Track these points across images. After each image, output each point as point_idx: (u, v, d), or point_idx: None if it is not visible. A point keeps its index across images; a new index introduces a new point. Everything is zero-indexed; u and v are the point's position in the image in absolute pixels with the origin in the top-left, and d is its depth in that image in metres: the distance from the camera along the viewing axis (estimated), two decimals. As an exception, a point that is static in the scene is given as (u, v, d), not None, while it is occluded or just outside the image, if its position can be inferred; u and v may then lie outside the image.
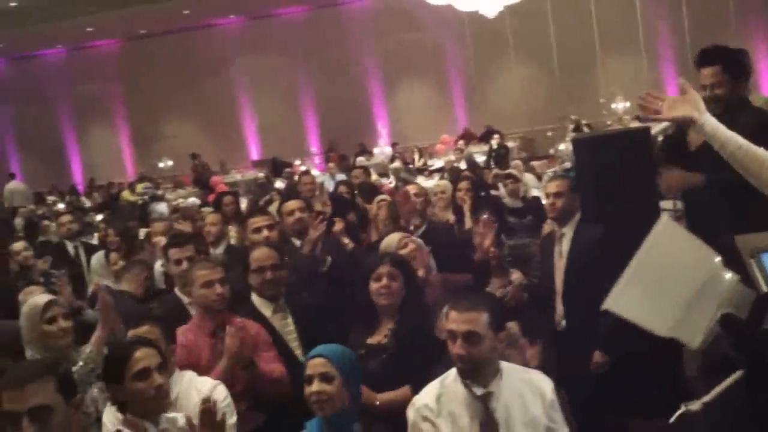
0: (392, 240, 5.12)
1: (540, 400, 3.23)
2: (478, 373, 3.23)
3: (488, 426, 3.19)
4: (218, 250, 6.70)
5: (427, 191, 7.21)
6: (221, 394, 3.65)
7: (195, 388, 3.66)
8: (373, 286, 4.16)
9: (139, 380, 3.17)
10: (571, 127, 16.56)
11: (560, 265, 5.09)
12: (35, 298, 4.43)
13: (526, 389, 3.25)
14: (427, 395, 3.34)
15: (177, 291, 5.14)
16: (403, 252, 4.86)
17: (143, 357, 3.21)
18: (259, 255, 4.66)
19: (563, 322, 5.03)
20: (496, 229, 5.34)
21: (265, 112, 23.61)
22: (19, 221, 15.03)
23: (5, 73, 25.83)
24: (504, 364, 3.34)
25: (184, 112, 24.17)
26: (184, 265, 5.13)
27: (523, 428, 3.18)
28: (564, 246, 5.11)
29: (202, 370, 3.95)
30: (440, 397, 3.29)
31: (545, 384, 3.31)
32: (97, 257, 6.56)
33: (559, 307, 5.06)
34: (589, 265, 4.72)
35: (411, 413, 3.35)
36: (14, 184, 20.50)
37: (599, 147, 5.69)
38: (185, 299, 4.91)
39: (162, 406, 3.25)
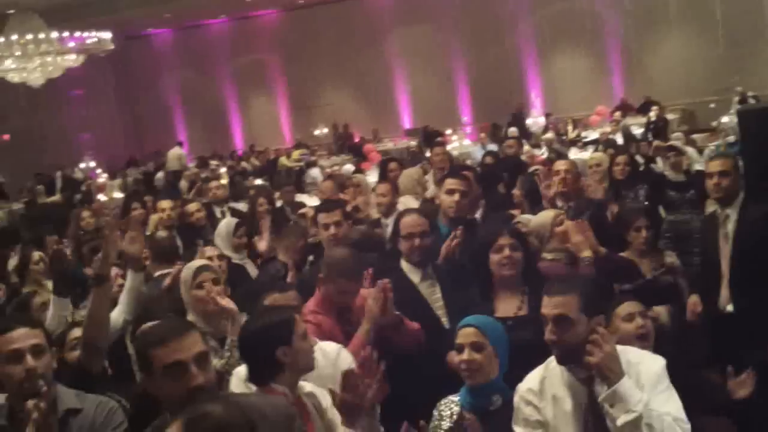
0: (547, 216, 5.04)
1: (648, 382, 3.01)
2: (574, 357, 3.08)
3: (592, 410, 3.06)
4: (389, 220, 6.39)
5: (578, 164, 7.04)
6: (348, 359, 3.68)
7: (320, 350, 3.62)
8: (494, 257, 4.11)
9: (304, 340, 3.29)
10: (737, 99, 15.82)
11: (726, 248, 4.91)
12: (191, 263, 4.57)
13: (632, 371, 3.03)
14: (531, 379, 3.26)
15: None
16: (558, 230, 4.77)
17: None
18: (409, 221, 4.68)
19: (728, 307, 4.88)
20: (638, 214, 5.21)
21: (418, 82, 23.71)
22: (183, 183, 15.87)
23: (173, 43, 27.12)
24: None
25: (339, 81, 24.61)
26: (332, 230, 5.21)
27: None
28: (729, 227, 4.94)
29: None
30: (544, 380, 3.21)
31: (654, 365, 3.09)
32: (226, 223, 6.61)
33: (725, 292, 4.91)
34: (758, 247, 4.53)
35: (516, 398, 3.26)
36: (175, 150, 21.50)
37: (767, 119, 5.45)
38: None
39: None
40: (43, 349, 3.08)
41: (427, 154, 13.99)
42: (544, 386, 3.20)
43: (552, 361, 3.21)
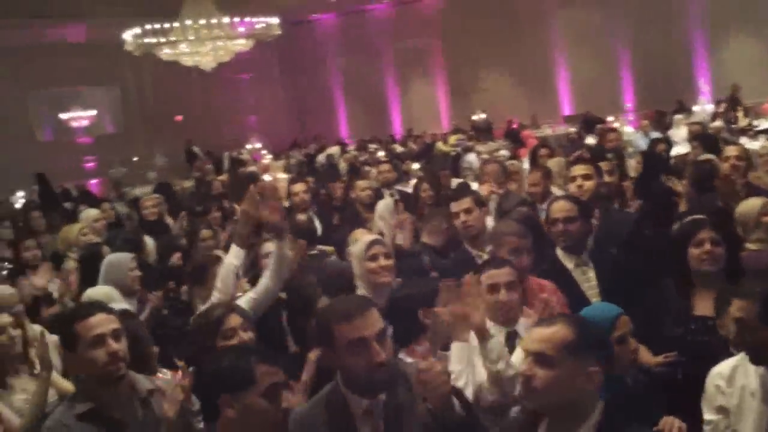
0: (754, 204, 4.82)
1: None
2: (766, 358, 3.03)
3: None
4: (543, 206, 6.32)
5: (750, 154, 6.73)
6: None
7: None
8: (694, 251, 3.94)
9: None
10: None
11: None
12: (365, 236, 4.74)
13: None
14: (726, 364, 3.25)
15: (466, 245, 5.28)
16: (765, 219, 4.59)
17: None
18: (556, 207, 4.68)
19: None
20: None
21: (579, 67, 23.22)
22: (343, 165, 16.25)
23: (337, 27, 27.74)
24: None
25: (499, 66, 24.45)
26: (462, 217, 5.26)
27: None
28: None
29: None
30: (736, 368, 3.19)
31: None
32: (386, 203, 6.69)
33: None
34: None
35: (707, 380, 3.28)
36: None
37: None
38: (475, 253, 5.07)
39: None
40: (120, 333, 3.20)
41: (588, 140, 13.70)
42: (735, 374, 3.20)
43: None
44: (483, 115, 23.24)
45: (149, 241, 7.09)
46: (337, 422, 2.75)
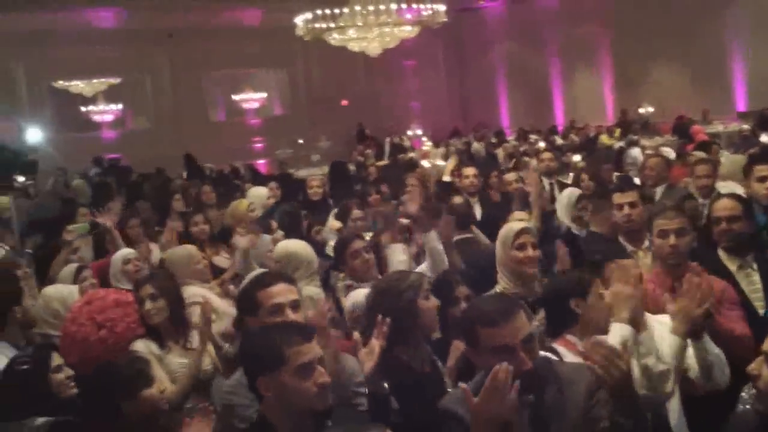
0: None
1: None
2: None
3: None
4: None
5: None
6: None
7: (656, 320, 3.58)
8: None
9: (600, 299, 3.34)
10: None
11: None
12: (513, 223, 4.69)
13: None
14: None
15: (621, 239, 5.17)
16: None
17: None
18: (719, 205, 4.55)
19: None
20: None
21: (759, 60, 22.02)
22: (501, 154, 16.18)
23: (503, 15, 27.54)
24: None
25: (669, 58, 23.55)
26: (626, 210, 5.15)
27: None
28: None
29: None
30: None
31: None
32: (569, 193, 6.66)
33: None
34: None
35: None
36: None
37: None
38: (630, 248, 4.97)
39: None
40: (299, 305, 3.30)
41: (762, 138, 13.05)
42: None
43: None
44: (651, 109, 22.49)
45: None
46: None
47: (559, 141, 19.95)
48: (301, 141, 24.12)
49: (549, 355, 3.15)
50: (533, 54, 26.37)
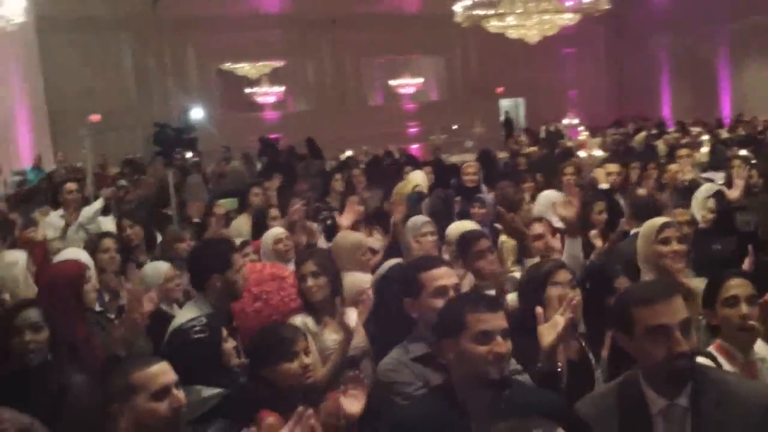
0: None
1: None
2: None
3: None
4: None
5: None
6: None
7: None
8: None
9: (729, 307, 3.25)
10: None
11: None
12: (655, 219, 4.53)
13: None
14: None
15: None
16: None
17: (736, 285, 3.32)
18: None
19: None
20: None
21: None
22: (662, 147, 15.70)
23: (669, 3, 26.57)
24: None
25: None
26: None
27: None
28: None
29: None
30: None
31: None
32: (706, 189, 6.44)
33: None
34: None
35: None
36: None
37: None
38: None
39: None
40: (460, 289, 3.39)
41: None
42: None
43: None
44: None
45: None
46: (630, 420, 2.58)
47: (724, 134, 19.13)
48: (455, 127, 24.21)
49: (707, 361, 3.02)
50: (699, 43, 25.31)
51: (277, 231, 5.98)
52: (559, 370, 3.14)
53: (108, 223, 7.00)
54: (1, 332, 3.67)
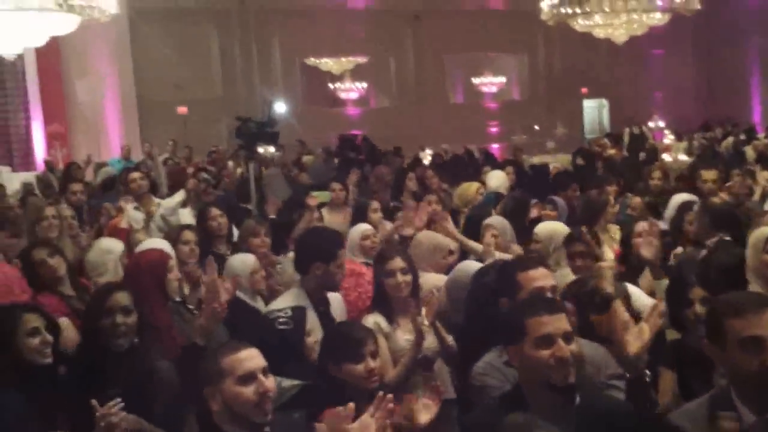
0: None
1: None
2: None
3: None
4: None
5: None
6: None
7: None
8: None
9: None
10: None
11: None
12: (763, 228, 4.45)
13: None
14: None
15: None
16: None
17: None
18: None
19: None
20: None
21: None
22: (750, 153, 15.28)
23: (758, 3, 25.76)
24: None
25: None
26: None
27: None
28: None
29: None
30: None
31: None
32: None
33: None
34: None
35: None
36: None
37: None
38: None
39: None
40: (557, 291, 3.45)
41: None
42: None
43: None
44: None
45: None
46: None
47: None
48: (537, 127, 23.97)
49: None
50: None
51: (364, 227, 6.00)
52: (647, 379, 3.11)
53: (186, 216, 7.11)
54: (92, 313, 3.80)
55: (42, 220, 5.95)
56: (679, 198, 6.60)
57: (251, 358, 2.88)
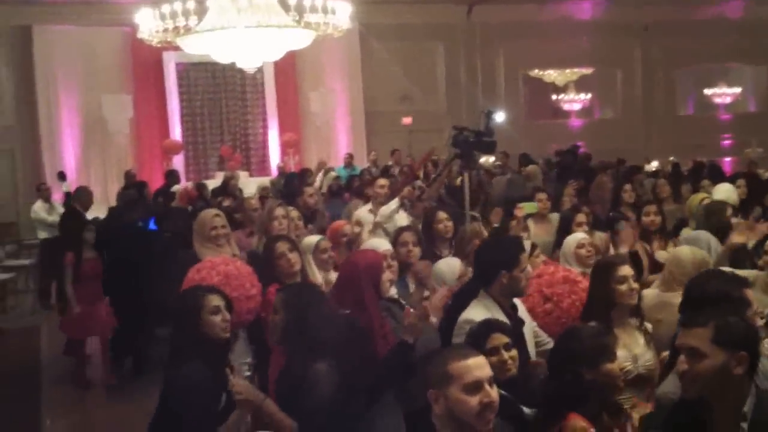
0: None
1: None
2: None
3: None
4: None
5: None
6: None
7: None
8: None
9: None
10: None
11: None
12: None
13: None
14: None
15: None
16: None
17: None
18: None
19: None
20: None
21: None
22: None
23: None
24: None
25: None
26: None
27: None
28: None
29: None
30: None
31: None
32: None
33: None
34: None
35: None
36: None
37: None
38: None
39: None
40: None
41: None
42: None
43: None
44: None
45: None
46: None
47: None
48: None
49: None
50: None
51: (579, 236, 6.04)
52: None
53: (403, 219, 7.40)
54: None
55: (273, 220, 6.42)
56: None
57: (479, 366, 2.88)
